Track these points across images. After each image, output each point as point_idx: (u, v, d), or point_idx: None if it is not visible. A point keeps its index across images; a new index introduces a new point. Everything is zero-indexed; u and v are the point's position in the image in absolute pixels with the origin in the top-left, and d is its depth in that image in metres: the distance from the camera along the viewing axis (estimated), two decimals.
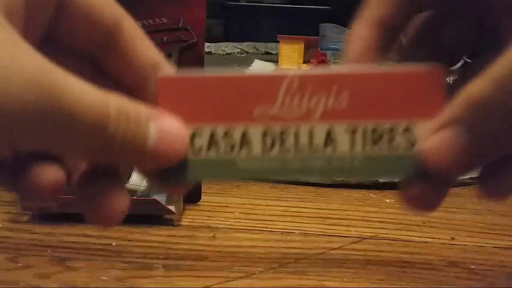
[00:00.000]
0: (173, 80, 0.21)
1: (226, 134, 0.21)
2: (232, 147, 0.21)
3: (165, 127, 0.20)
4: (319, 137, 0.21)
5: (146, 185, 0.44)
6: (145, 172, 0.22)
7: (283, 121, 0.21)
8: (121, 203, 0.21)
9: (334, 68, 0.22)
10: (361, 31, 0.22)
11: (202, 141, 0.21)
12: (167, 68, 0.22)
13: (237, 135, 0.21)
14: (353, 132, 0.21)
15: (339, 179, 0.53)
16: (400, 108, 0.21)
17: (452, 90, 0.21)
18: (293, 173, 0.21)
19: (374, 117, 0.21)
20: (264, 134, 0.21)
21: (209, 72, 0.21)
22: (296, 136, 0.21)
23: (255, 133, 0.21)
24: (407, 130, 0.21)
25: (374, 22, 0.22)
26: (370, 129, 0.21)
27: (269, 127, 0.21)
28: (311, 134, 0.21)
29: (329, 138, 0.21)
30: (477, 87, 0.19)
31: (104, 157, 0.19)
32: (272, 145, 0.21)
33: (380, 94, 0.21)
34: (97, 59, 0.22)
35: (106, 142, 0.18)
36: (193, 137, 0.21)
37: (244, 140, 0.21)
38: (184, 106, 0.21)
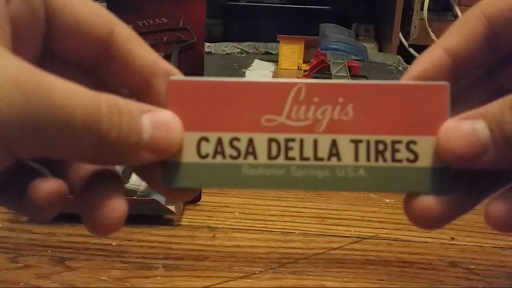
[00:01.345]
0: (183, 84, 0.21)
1: (232, 140, 0.21)
2: (238, 154, 0.21)
3: (158, 119, 0.20)
4: (324, 147, 0.21)
5: (146, 185, 0.44)
6: (149, 179, 0.22)
7: (289, 130, 0.21)
8: (117, 211, 0.20)
9: (341, 80, 0.21)
10: (430, 53, 0.22)
11: (209, 146, 0.21)
12: (166, 68, 0.22)
13: (243, 142, 0.21)
14: (357, 143, 0.21)
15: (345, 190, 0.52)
16: (404, 123, 0.21)
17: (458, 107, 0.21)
18: (297, 182, 0.21)
19: (378, 131, 0.21)
20: (270, 142, 0.21)
21: (220, 78, 0.21)
22: (301, 145, 0.21)
23: (261, 141, 0.21)
24: (410, 143, 0.21)
25: (445, 49, 0.22)
26: (373, 141, 0.21)
27: (275, 135, 0.21)
28: (316, 145, 0.21)
29: (334, 149, 0.21)
30: None
31: (102, 156, 0.19)
32: (278, 153, 0.21)
33: (385, 108, 0.21)
34: (97, 69, 0.22)
35: (102, 138, 0.18)
36: (200, 142, 0.21)
37: (250, 147, 0.21)
38: (193, 110, 0.21)
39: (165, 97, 0.21)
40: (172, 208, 0.43)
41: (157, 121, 0.20)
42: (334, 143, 0.21)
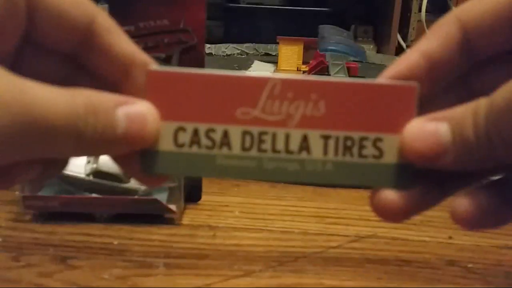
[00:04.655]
0: (162, 74, 0.22)
1: (208, 131, 0.22)
2: (213, 144, 0.22)
3: (133, 111, 0.21)
4: (295, 141, 0.22)
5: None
6: (126, 165, 0.23)
7: (262, 123, 0.22)
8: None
9: (315, 77, 0.22)
10: (407, 56, 0.23)
11: (185, 136, 0.22)
12: (144, 59, 0.22)
13: (218, 133, 0.22)
14: (327, 139, 0.22)
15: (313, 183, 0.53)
16: (372, 120, 0.22)
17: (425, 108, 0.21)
18: (268, 174, 0.22)
19: (347, 127, 0.22)
20: (244, 135, 0.22)
21: (198, 70, 0.22)
22: (274, 139, 0.22)
23: (235, 132, 0.22)
24: (377, 140, 0.22)
25: (421, 52, 0.22)
26: (342, 137, 0.22)
27: (249, 128, 0.22)
28: (287, 138, 0.22)
29: (304, 144, 0.22)
30: (486, 101, 0.20)
31: (79, 151, 0.20)
32: (251, 145, 0.22)
33: (355, 106, 0.22)
34: (77, 57, 0.23)
35: (79, 137, 0.19)
36: (177, 131, 0.22)
37: (225, 138, 0.22)
38: (171, 100, 0.22)
39: (143, 87, 0.22)
40: (172, 207, 0.44)
41: (132, 114, 0.21)
42: (305, 138, 0.22)
